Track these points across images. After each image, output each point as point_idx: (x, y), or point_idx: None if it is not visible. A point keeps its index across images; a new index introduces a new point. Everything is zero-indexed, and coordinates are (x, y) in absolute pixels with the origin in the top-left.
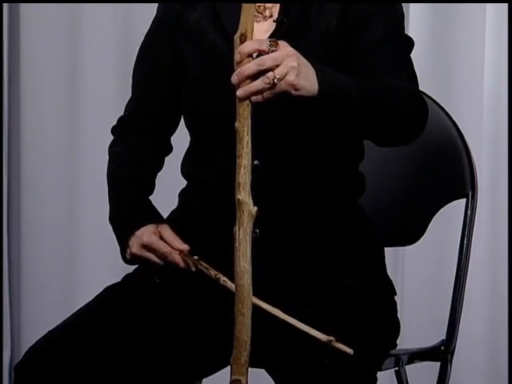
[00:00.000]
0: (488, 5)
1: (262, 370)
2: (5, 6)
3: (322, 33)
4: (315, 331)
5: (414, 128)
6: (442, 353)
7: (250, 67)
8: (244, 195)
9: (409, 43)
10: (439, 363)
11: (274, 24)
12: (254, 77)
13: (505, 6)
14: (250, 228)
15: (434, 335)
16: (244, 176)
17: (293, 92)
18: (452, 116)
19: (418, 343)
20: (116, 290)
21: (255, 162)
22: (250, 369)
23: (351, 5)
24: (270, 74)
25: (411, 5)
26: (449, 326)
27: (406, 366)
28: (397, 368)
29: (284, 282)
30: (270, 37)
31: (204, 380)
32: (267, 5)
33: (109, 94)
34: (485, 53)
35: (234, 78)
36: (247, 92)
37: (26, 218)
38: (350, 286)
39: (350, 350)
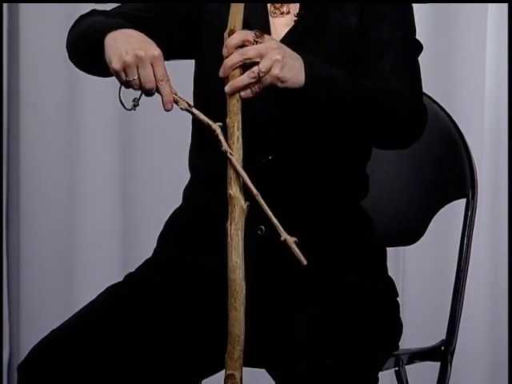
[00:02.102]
0: (490, 5)
1: (263, 370)
2: (4, 5)
3: (343, 30)
4: (281, 228)
5: (409, 133)
6: (441, 353)
7: (233, 57)
8: (235, 190)
9: (417, 47)
10: (439, 363)
11: (294, 19)
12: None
13: (505, 5)
14: (241, 223)
15: (434, 335)
16: (235, 171)
17: (279, 84)
18: (452, 116)
19: (418, 343)
20: (118, 289)
21: (269, 157)
22: (250, 368)
23: (368, 4)
24: (255, 68)
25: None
26: (449, 326)
27: (406, 366)
28: (397, 368)
29: (287, 280)
30: (291, 31)
31: (204, 381)
32: None
33: (109, 93)
34: (486, 53)
35: (221, 72)
36: (233, 87)
37: (25, 217)
38: (352, 286)
39: (303, 260)
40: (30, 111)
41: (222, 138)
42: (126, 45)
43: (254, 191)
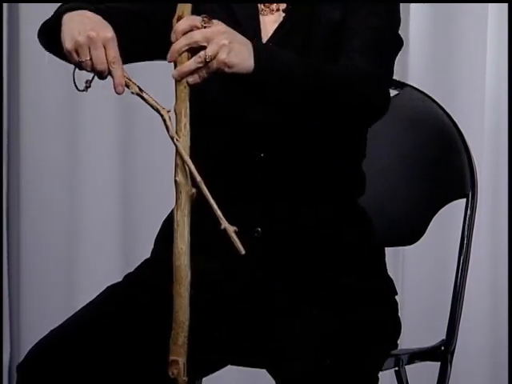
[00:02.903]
0: (490, 5)
1: (263, 370)
2: (4, 5)
3: (328, 22)
4: (222, 216)
5: (368, 113)
6: (441, 353)
7: (180, 41)
8: (182, 176)
9: (396, 41)
10: (439, 363)
11: (283, 15)
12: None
13: (505, 5)
14: (187, 209)
15: (434, 335)
16: (182, 157)
17: (226, 70)
18: (452, 116)
19: (418, 343)
20: (117, 289)
21: (261, 155)
22: (250, 368)
23: None
24: (202, 52)
25: (412, 5)
26: (449, 326)
27: (406, 366)
28: (397, 368)
29: (285, 281)
30: (280, 26)
31: (204, 379)
32: None
33: (109, 91)
34: (486, 53)
35: (168, 56)
36: (180, 72)
37: (26, 217)
38: (351, 286)
39: (241, 249)
40: (31, 111)
41: (169, 123)
42: (80, 25)
43: (198, 178)
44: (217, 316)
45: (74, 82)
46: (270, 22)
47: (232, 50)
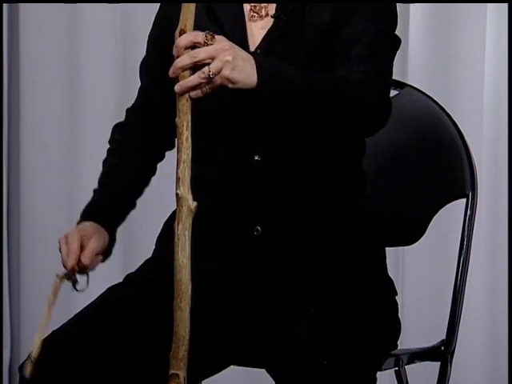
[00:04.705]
0: (489, 5)
1: (262, 370)
2: (5, 6)
3: (317, 27)
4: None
5: (368, 122)
6: (441, 353)
7: (183, 59)
8: (183, 190)
9: (393, 41)
10: (439, 363)
11: (272, 20)
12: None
13: (505, 5)
14: (188, 223)
15: (434, 335)
16: (183, 171)
17: (230, 85)
18: (452, 116)
19: (418, 343)
20: (119, 290)
21: (256, 158)
22: (250, 368)
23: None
24: (205, 68)
25: (412, 5)
26: (449, 326)
27: (405, 366)
28: (397, 368)
29: (285, 281)
30: (268, 33)
31: (204, 381)
32: (262, 4)
33: (108, 93)
34: (485, 53)
35: (170, 71)
36: (183, 87)
37: (26, 218)
38: (351, 286)
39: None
40: (31, 111)
41: None
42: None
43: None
44: (216, 316)
45: (74, 286)
46: (257, 28)
47: (236, 66)
